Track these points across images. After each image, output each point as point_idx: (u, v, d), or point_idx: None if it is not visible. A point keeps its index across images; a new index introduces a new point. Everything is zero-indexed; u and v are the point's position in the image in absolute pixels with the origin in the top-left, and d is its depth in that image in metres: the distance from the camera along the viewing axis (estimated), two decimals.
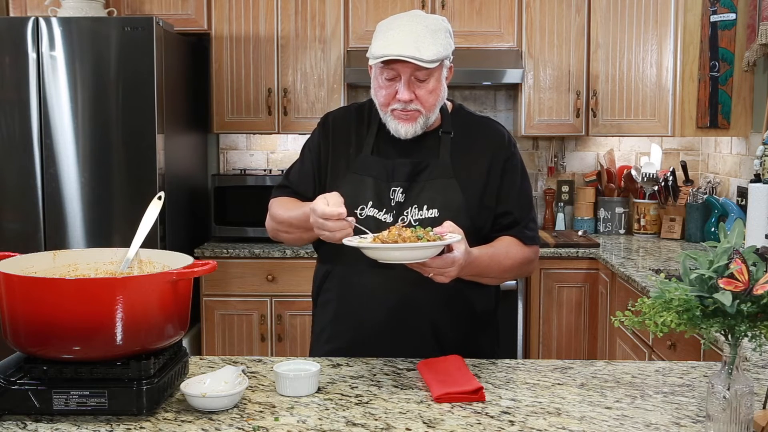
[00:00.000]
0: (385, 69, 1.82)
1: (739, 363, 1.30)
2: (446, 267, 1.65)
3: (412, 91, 1.82)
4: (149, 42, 3.42)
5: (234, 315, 3.87)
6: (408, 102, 1.82)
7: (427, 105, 1.84)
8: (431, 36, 1.79)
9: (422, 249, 1.60)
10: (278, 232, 1.98)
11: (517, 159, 1.97)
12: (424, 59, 1.76)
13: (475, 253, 1.76)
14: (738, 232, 1.30)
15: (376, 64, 1.83)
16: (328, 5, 4.01)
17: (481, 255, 1.80)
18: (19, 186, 3.51)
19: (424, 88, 1.82)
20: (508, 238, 1.92)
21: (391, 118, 1.86)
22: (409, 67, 1.79)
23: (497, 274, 1.89)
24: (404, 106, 1.83)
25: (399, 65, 1.79)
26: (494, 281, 1.94)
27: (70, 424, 1.43)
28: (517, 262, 1.91)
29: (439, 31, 1.81)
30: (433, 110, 1.87)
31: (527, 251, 1.94)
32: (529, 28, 4.01)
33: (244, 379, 1.54)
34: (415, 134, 1.87)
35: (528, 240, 1.94)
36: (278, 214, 1.95)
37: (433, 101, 1.85)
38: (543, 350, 3.83)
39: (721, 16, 3.76)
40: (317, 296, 2.02)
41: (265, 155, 4.45)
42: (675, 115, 3.91)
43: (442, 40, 1.81)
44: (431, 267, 1.65)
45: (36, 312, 1.43)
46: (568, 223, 4.42)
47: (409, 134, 1.86)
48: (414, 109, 1.83)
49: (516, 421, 1.46)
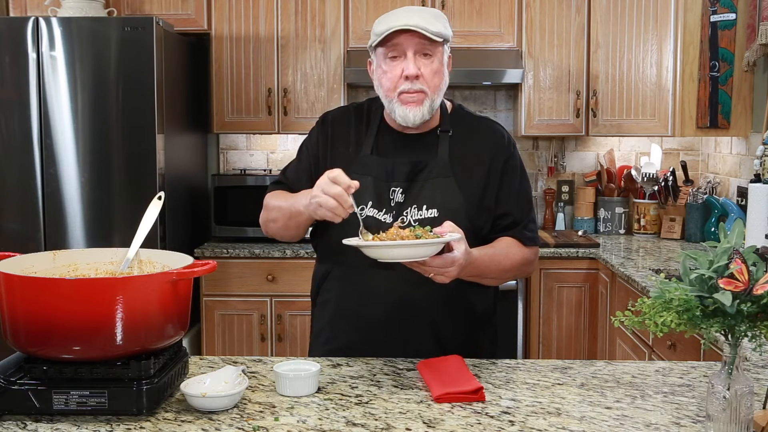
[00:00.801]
0: (389, 49, 1.83)
1: (739, 363, 1.30)
2: (446, 266, 1.65)
3: (418, 68, 1.82)
4: (149, 42, 3.42)
5: (234, 315, 3.87)
6: (415, 78, 1.82)
7: (432, 85, 1.84)
8: (432, 16, 1.84)
9: (422, 247, 1.59)
10: (267, 222, 1.98)
11: (516, 160, 1.96)
12: (429, 29, 1.79)
13: (475, 254, 1.75)
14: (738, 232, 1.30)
15: (379, 50, 1.84)
16: (328, 5, 4.01)
17: (481, 255, 1.80)
18: (19, 186, 3.51)
19: (429, 66, 1.83)
20: (507, 239, 1.92)
21: (399, 104, 1.84)
22: (414, 39, 1.80)
23: (497, 275, 1.89)
24: (411, 86, 1.82)
25: (404, 39, 1.80)
26: (494, 282, 1.94)
27: (70, 424, 1.43)
28: (517, 263, 1.91)
29: (438, 16, 1.86)
30: (437, 93, 1.86)
31: (527, 252, 1.94)
32: (529, 28, 4.01)
33: (244, 379, 1.54)
34: (423, 119, 1.86)
35: (527, 241, 1.94)
36: (269, 203, 1.97)
37: (437, 82, 1.85)
38: (543, 350, 3.83)
39: (721, 16, 3.76)
40: (316, 296, 2.01)
41: (265, 155, 4.45)
42: (675, 115, 3.91)
43: (442, 23, 1.85)
44: (431, 266, 1.64)
45: (36, 312, 1.43)
46: (568, 223, 4.42)
47: (417, 119, 1.85)
48: (420, 89, 1.83)
49: (516, 421, 1.46)
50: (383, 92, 1.88)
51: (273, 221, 1.95)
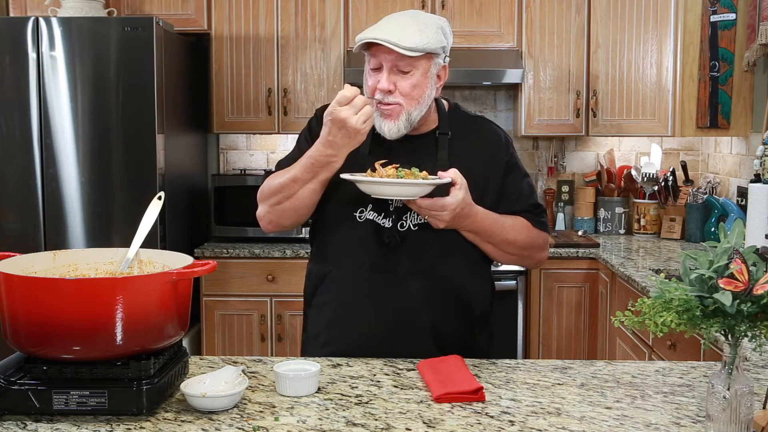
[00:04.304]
0: (371, 58, 1.82)
1: (739, 363, 1.30)
2: (436, 209, 1.72)
3: (393, 83, 1.80)
4: (149, 42, 3.42)
5: (234, 315, 3.87)
6: (387, 93, 1.79)
7: (408, 98, 1.80)
8: (418, 28, 1.78)
9: (412, 186, 1.70)
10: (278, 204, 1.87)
11: (515, 159, 1.97)
12: (400, 45, 1.74)
13: (477, 209, 1.78)
14: (738, 232, 1.30)
15: (366, 56, 1.84)
16: (328, 5, 4.01)
17: (486, 214, 1.81)
18: (19, 186, 3.51)
19: (406, 80, 1.80)
20: (518, 217, 1.91)
21: (378, 114, 1.83)
22: (390, 55, 1.78)
23: (499, 243, 1.86)
24: (384, 97, 1.80)
25: (381, 53, 1.79)
26: (496, 252, 1.89)
27: (70, 424, 1.43)
28: (522, 239, 1.89)
29: (429, 25, 1.80)
30: (416, 106, 1.82)
31: (535, 234, 1.92)
32: (529, 28, 4.00)
33: (244, 379, 1.54)
34: (398, 133, 1.83)
35: (537, 224, 1.92)
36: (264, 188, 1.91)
37: (416, 96, 1.81)
38: (543, 350, 3.83)
39: (721, 16, 3.76)
40: (311, 297, 1.99)
41: (265, 155, 4.45)
42: (675, 115, 3.91)
43: (430, 34, 1.79)
44: (421, 207, 1.73)
45: (36, 312, 1.42)
46: (568, 223, 4.42)
47: (393, 133, 1.83)
48: (394, 102, 1.80)
49: (516, 421, 1.46)
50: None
51: (287, 198, 1.84)
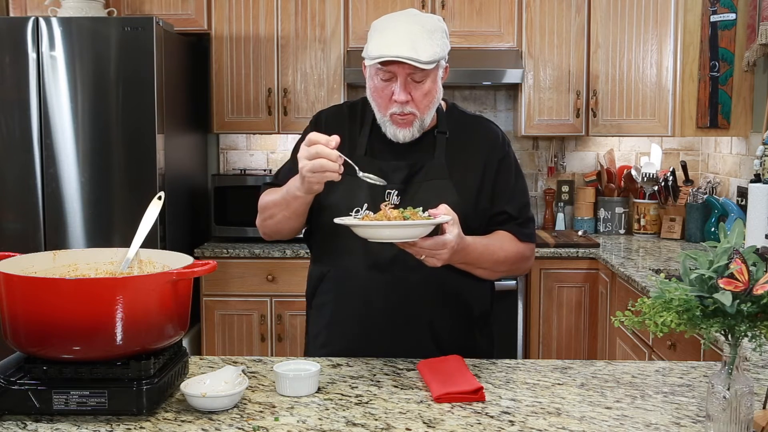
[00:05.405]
0: (381, 70, 1.80)
1: (739, 363, 1.30)
2: (437, 249, 1.65)
3: (408, 93, 1.80)
4: (149, 42, 3.42)
5: (234, 315, 3.87)
6: (404, 104, 1.80)
7: (422, 107, 1.83)
8: (428, 36, 1.77)
9: (412, 228, 1.60)
10: (264, 221, 1.95)
11: (511, 158, 1.97)
12: (421, 60, 1.75)
13: (468, 240, 1.75)
14: (738, 232, 1.30)
15: (372, 65, 1.81)
16: (328, 5, 4.01)
17: (475, 243, 1.80)
18: (19, 186, 3.51)
19: (419, 89, 1.81)
20: (503, 232, 1.91)
21: (390, 123, 1.85)
22: (405, 68, 1.77)
23: (490, 266, 1.87)
24: (401, 109, 1.81)
25: (395, 66, 1.78)
26: (487, 274, 1.91)
27: (70, 424, 1.43)
28: (511, 256, 1.90)
29: (435, 31, 1.80)
30: (428, 112, 1.86)
31: (522, 247, 1.93)
32: (529, 28, 4.00)
33: (244, 379, 1.54)
34: (412, 138, 1.87)
35: (523, 237, 1.93)
36: (263, 202, 1.95)
37: (428, 103, 1.84)
38: (543, 350, 3.83)
39: (721, 16, 3.76)
40: (312, 298, 2.00)
41: (265, 155, 4.45)
42: (675, 115, 3.91)
43: (438, 41, 1.79)
44: (422, 248, 1.65)
45: (36, 312, 1.43)
46: (568, 223, 4.41)
47: (407, 138, 1.86)
48: (410, 112, 1.82)
49: (516, 421, 1.46)
50: (375, 107, 1.87)
51: (270, 217, 1.92)
